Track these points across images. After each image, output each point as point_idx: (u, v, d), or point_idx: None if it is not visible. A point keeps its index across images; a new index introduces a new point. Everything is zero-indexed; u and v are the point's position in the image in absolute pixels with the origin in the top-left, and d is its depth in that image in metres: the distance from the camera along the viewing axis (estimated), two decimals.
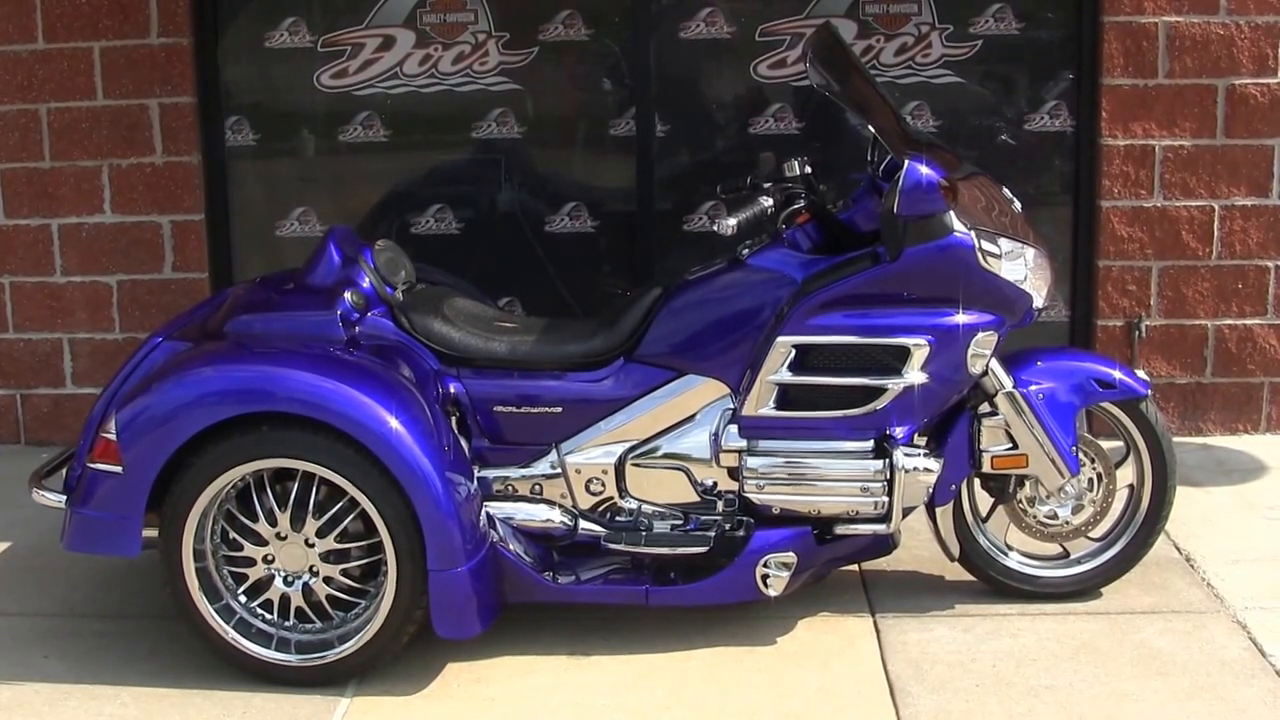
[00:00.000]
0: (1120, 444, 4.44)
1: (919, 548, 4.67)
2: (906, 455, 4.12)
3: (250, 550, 4.05)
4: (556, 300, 6.03)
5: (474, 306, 4.50)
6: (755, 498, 4.16)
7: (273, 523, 4.02)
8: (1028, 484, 4.37)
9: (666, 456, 4.25)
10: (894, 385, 4.08)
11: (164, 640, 4.31)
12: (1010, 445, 4.26)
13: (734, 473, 4.20)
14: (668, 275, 5.74)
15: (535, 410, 4.27)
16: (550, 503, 4.29)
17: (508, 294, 6.01)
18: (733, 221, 4.03)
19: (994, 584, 4.45)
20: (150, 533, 4.06)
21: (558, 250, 6.04)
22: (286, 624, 4.11)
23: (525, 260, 6.04)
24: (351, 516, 4.00)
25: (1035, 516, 4.39)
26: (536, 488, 4.29)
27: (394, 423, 3.90)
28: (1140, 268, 5.77)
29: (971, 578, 4.48)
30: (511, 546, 4.17)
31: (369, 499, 3.93)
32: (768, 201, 4.15)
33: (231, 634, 4.06)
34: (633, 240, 6.03)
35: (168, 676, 4.14)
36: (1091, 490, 4.40)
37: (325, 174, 6.10)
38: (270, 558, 4.05)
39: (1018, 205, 4.35)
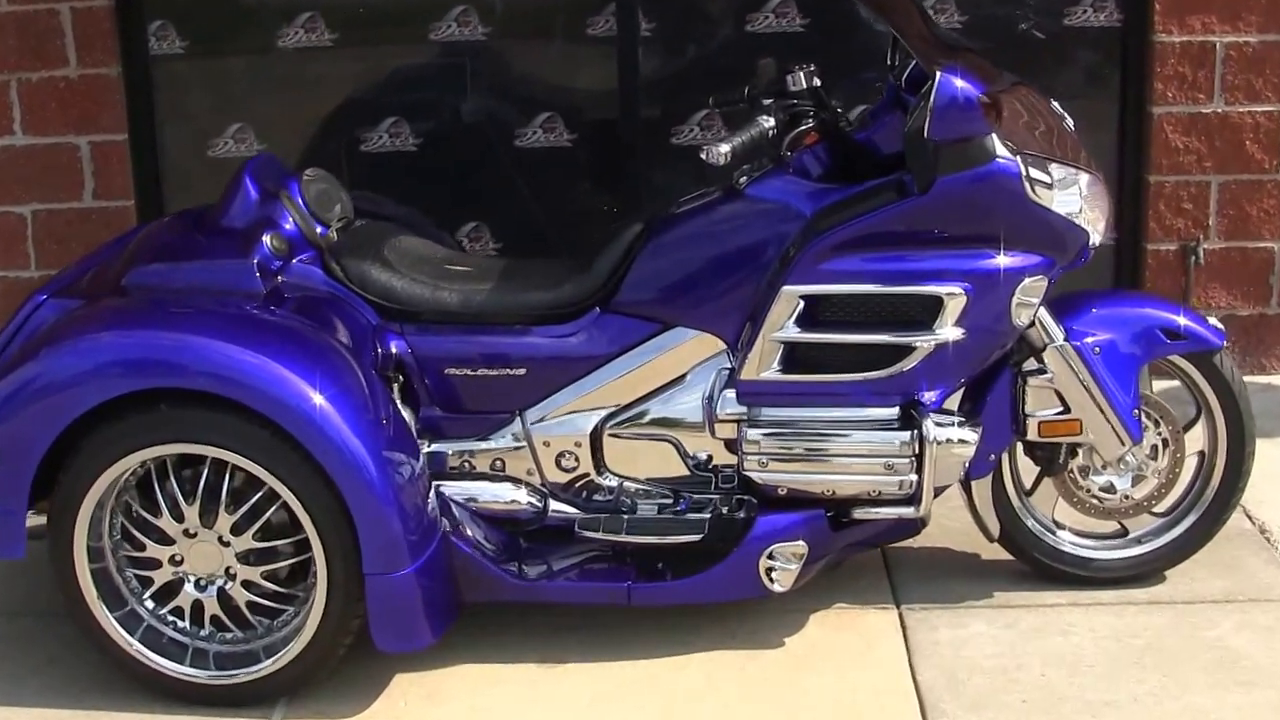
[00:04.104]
0: (1182, 395, 3.80)
1: (949, 518, 3.99)
2: (938, 425, 3.45)
3: (154, 550, 3.39)
4: (530, 225, 5.37)
5: (422, 246, 3.81)
6: (757, 476, 3.50)
7: (179, 517, 3.35)
8: (1080, 452, 3.70)
9: (651, 425, 3.59)
10: (923, 343, 3.40)
11: (66, 645, 3.65)
12: (1061, 409, 3.59)
13: (732, 445, 3.54)
14: (656, 194, 5.13)
15: (494, 372, 3.60)
16: (515, 481, 3.64)
17: (473, 220, 5.37)
18: (726, 148, 3.31)
19: (1040, 567, 3.80)
20: (38, 520, 3.43)
21: (530, 168, 5.34)
22: (203, 633, 3.46)
23: (493, 180, 5.35)
24: (273, 509, 3.33)
25: (1089, 490, 3.73)
26: (498, 463, 3.63)
27: (318, 398, 3.22)
28: (1197, 183, 5.09)
29: (1012, 556, 3.83)
30: (469, 533, 3.53)
31: (290, 490, 3.26)
32: (768, 122, 3.43)
33: (136, 646, 3.42)
34: (615, 155, 5.34)
35: (67, 692, 3.51)
36: (1155, 459, 3.73)
37: (263, 85, 5.38)
38: (178, 558, 3.39)
39: (1070, 122, 3.64)
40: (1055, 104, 3.66)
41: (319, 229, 3.68)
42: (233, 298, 3.45)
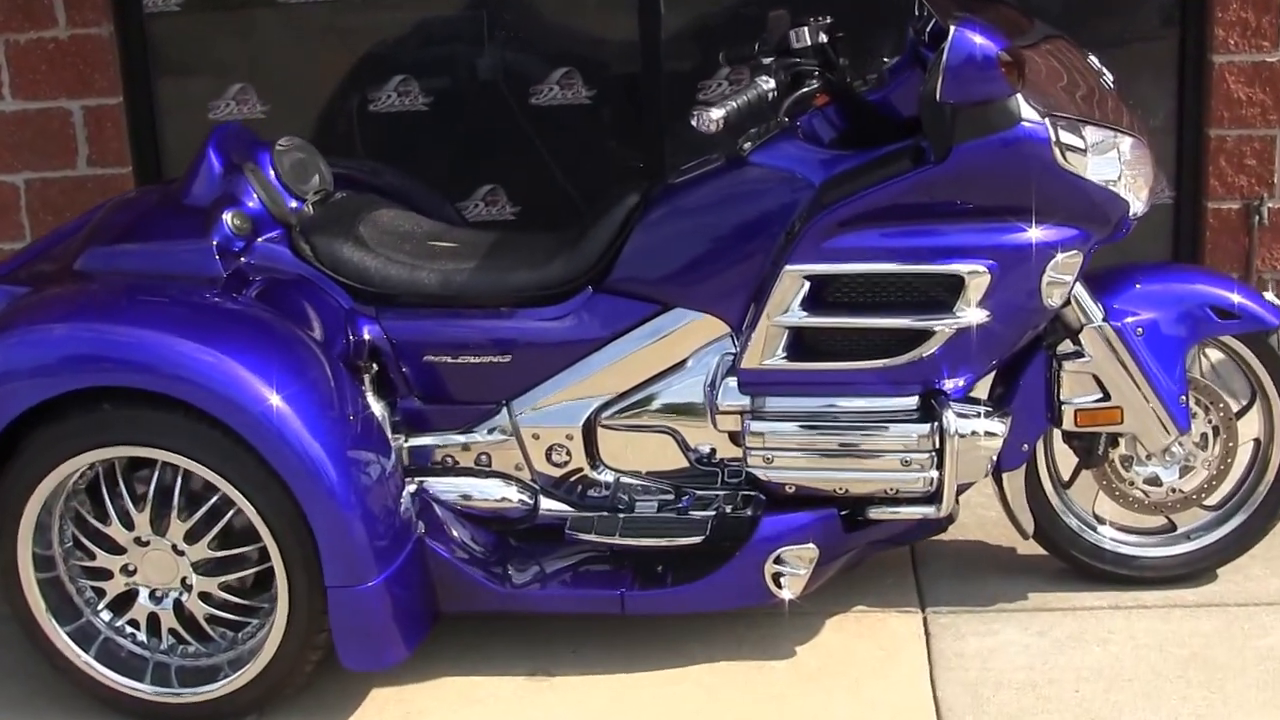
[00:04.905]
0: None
1: (986, 506, 3.66)
2: (961, 416, 3.12)
3: (104, 560, 3.14)
4: (548, 187, 5.04)
5: (405, 220, 3.51)
6: (762, 473, 3.19)
7: (129, 525, 3.10)
8: (1122, 442, 3.36)
9: (649, 415, 3.29)
10: (943, 327, 3.07)
11: (29, 651, 3.39)
12: (1100, 396, 3.25)
13: (737, 438, 3.24)
14: (681, 153, 4.79)
15: (477, 359, 3.31)
16: (502, 477, 3.36)
17: (488, 182, 5.05)
18: (718, 114, 2.99)
19: (1079, 566, 3.47)
20: None
21: (547, 126, 5.02)
22: (163, 647, 3.21)
23: (508, 140, 5.03)
24: (229, 515, 3.07)
25: (1132, 482, 3.40)
26: (484, 458, 3.35)
27: (273, 397, 2.94)
28: (1261, 138, 4.68)
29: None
30: (450, 535, 3.27)
31: (244, 496, 2.99)
32: (767, 84, 3.09)
33: (84, 660, 3.17)
34: (637, 111, 5.01)
35: (25, 708, 3.27)
36: (1205, 448, 3.38)
37: (264, 43, 5.07)
38: (131, 568, 3.13)
39: (1109, 79, 3.27)
40: (1094, 59, 3.29)
41: (293, 204, 3.40)
42: (190, 283, 3.19)
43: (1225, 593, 3.43)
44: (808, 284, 3.09)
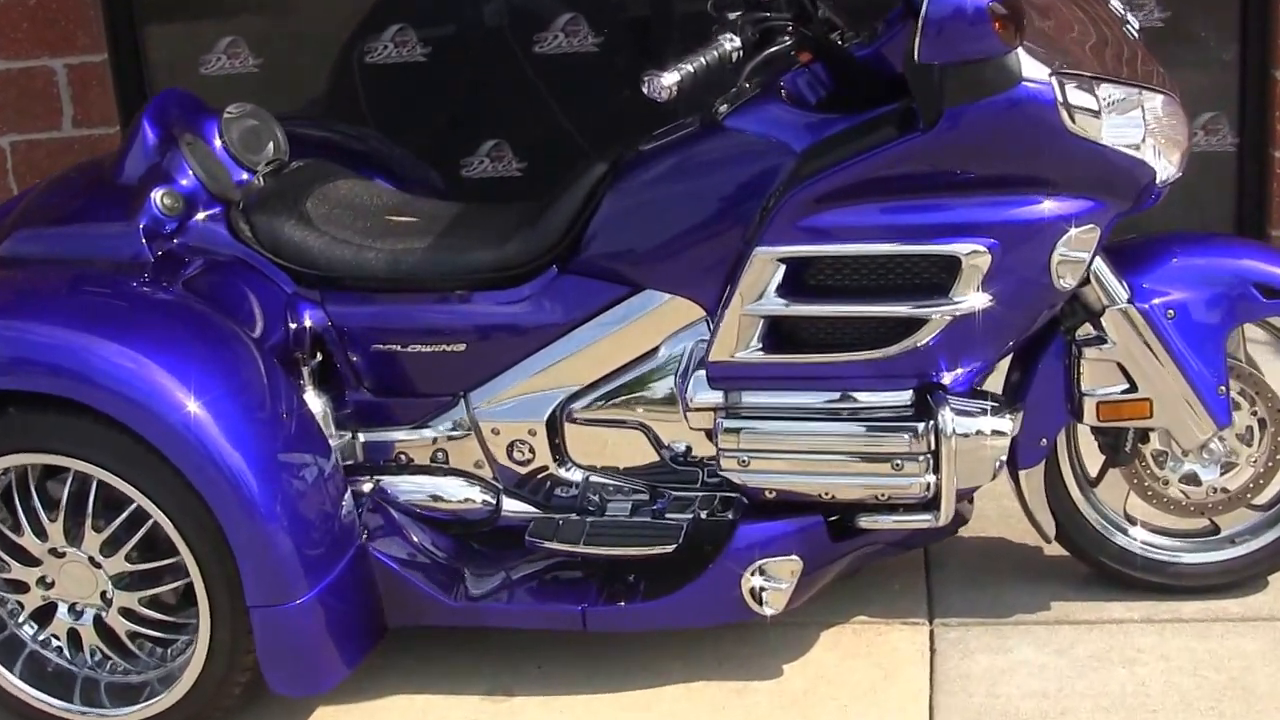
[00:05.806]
0: None
1: (1009, 496, 3.25)
2: (960, 414, 2.76)
3: (19, 572, 2.88)
4: (556, 141, 4.72)
5: (365, 193, 3.19)
6: (737, 477, 2.86)
7: (42, 535, 2.83)
8: (1154, 436, 2.98)
9: (618, 408, 2.97)
10: (938, 314, 2.71)
11: None
12: (1126, 386, 2.87)
13: (712, 434, 2.90)
14: (695, 102, 4.45)
15: (428, 347, 3.00)
16: (462, 475, 3.06)
17: (492, 137, 4.75)
18: (671, 79, 2.63)
19: (1107, 572, 3.10)
20: None
21: (552, 76, 4.69)
22: (90, 662, 2.95)
23: (512, 91, 4.71)
24: (147, 526, 2.79)
25: (1167, 481, 3.01)
26: (440, 455, 3.05)
27: (190, 403, 2.65)
28: None
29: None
30: (404, 539, 2.99)
31: (161, 509, 2.72)
32: (732, 42, 2.73)
33: (5, 678, 2.92)
34: (648, 58, 4.63)
35: None
36: (1250, 443, 2.99)
37: None
38: (48, 580, 2.87)
39: (1134, 26, 2.87)
40: (1116, 4, 2.90)
41: (243, 176, 3.10)
42: (113, 269, 2.92)
43: (1274, 603, 3.05)
44: (783, 268, 2.74)
